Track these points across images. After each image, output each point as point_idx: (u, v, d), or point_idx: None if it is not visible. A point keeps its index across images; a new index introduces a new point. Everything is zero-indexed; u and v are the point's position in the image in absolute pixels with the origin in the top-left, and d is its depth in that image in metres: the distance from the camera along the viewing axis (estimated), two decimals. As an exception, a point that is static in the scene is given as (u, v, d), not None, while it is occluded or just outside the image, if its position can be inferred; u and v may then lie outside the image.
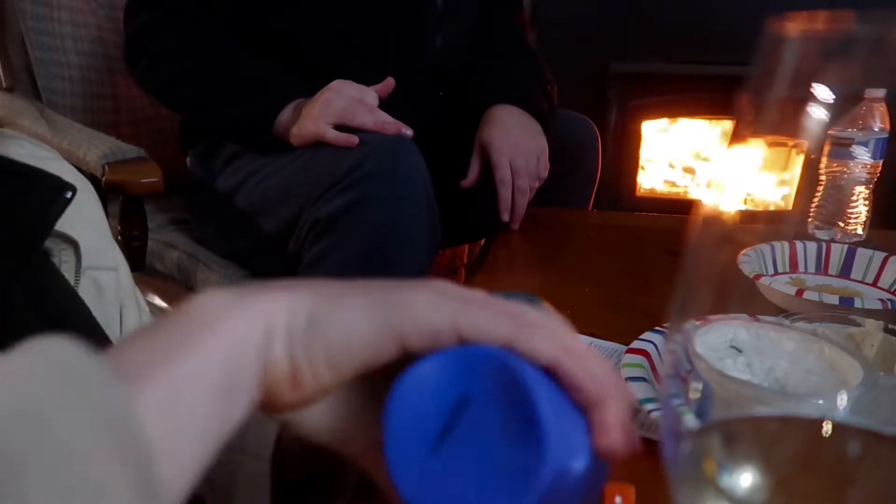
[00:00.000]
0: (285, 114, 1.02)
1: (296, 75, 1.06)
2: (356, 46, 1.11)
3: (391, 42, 1.13)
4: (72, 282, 0.48)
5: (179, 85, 1.08)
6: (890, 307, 0.68)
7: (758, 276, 0.73)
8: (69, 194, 0.43)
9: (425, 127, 1.21)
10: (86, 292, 0.49)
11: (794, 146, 0.23)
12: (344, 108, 0.99)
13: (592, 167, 1.32)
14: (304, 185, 1.00)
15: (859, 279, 0.78)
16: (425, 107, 1.21)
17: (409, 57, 1.15)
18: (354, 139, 0.97)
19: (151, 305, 1.12)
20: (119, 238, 1.16)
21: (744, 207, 0.22)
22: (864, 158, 0.91)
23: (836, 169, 0.92)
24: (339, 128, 0.99)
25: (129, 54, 1.11)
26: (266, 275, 1.02)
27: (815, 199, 0.93)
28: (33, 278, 0.42)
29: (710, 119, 2.26)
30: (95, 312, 0.48)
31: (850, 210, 0.92)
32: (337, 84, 1.01)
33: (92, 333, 0.47)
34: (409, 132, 1.02)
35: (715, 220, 0.22)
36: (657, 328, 0.69)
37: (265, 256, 1.11)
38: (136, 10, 1.10)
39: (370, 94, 1.02)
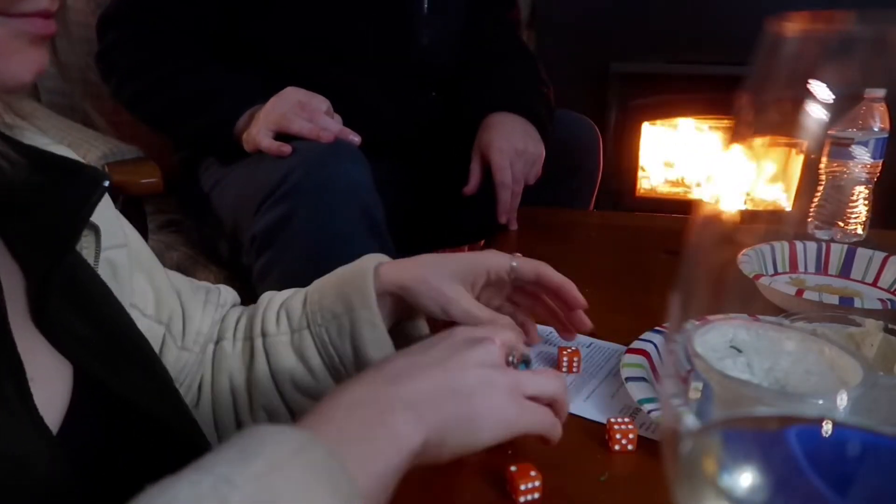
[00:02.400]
0: (242, 121, 1.00)
1: (278, 82, 1.03)
2: (338, 48, 1.10)
3: (373, 43, 1.12)
4: (92, 265, 0.48)
5: (145, 100, 1.07)
6: (890, 307, 0.68)
7: (758, 276, 0.73)
8: (106, 183, 0.44)
9: (417, 128, 1.20)
10: (103, 273, 0.49)
11: (794, 146, 0.23)
12: (282, 113, 0.96)
13: (593, 168, 1.32)
14: (245, 198, 0.98)
15: (859, 279, 0.78)
16: (414, 107, 1.20)
17: (393, 57, 1.14)
18: (287, 149, 0.94)
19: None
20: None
21: (744, 207, 0.22)
22: (863, 158, 0.91)
23: (836, 169, 0.92)
24: (282, 136, 0.96)
25: (102, 71, 1.11)
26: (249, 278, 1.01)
27: (815, 199, 0.93)
28: (65, 266, 0.42)
29: (710, 119, 2.26)
30: (113, 291, 0.49)
31: (849, 210, 0.92)
32: (287, 90, 0.99)
33: (116, 316, 0.48)
34: (355, 139, 0.98)
35: (715, 220, 0.22)
36: (657, 328, 0.70)
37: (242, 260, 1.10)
38: (106, 28, 1.09)
39: (318, 99, 0.98)
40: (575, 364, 0.68)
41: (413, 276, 0.61)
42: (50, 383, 0.39)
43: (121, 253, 0.53)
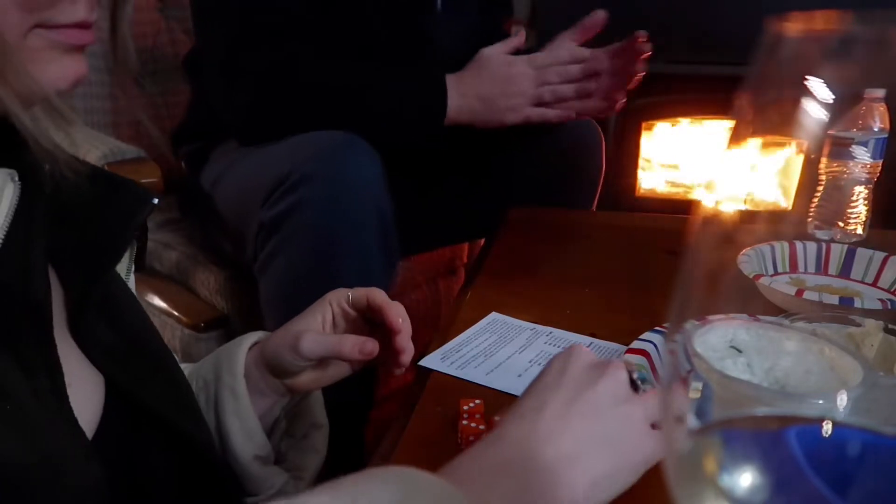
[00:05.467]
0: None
1: None
2: (353, 46, 1.10)
3: (388, 41, 1.12)
4: (124, 277, 0.48)
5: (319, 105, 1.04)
6: (890, 307, 0.68)
7: (758, 276, 0.73)
8: (155, 201, 0.44)
9: None
10: (131, 284, 0.49)
11: (794, 146, 0.23)
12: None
13: (596, 169, 1.32)
14: (252, 190, 0.98)
15: (859, 279, 0.78)
16: None
17: (409, 56, 1.14)
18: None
19: (150, 305, 1.12)
20: (119, 238, 1.16)
21: (744, 207, 0.22)
22: (863, 158, 0.91)
23: (836, 169, 0.92)
24: None
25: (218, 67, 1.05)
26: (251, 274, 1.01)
27: (815, 199, 0.93)
28: (104, 281, 0.43)
29: (710, 119, 2.26)
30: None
31: (849, 210, 0.92)
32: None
33: (143, 328, 0.48)
34: None
35: (715, 220, 0.22)
36: (657, 328, 0.70)
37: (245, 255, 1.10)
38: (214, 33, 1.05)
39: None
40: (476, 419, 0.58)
41: (272, 336, 0.60)
42: (84, 392, 0.40)
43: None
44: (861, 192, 0.92)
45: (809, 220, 0.93)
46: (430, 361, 0.70)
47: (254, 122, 1.06)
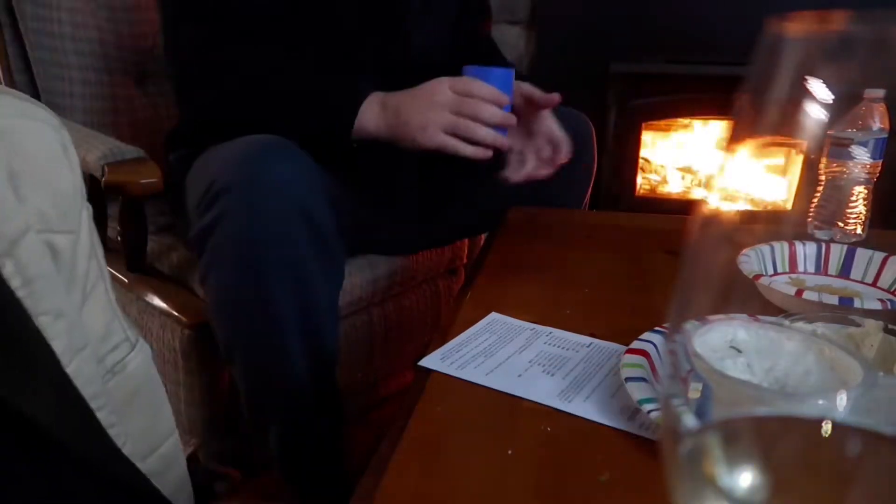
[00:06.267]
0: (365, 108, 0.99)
1: None
2: (333, 47, 1.10)
3: (373, 38, 1.12)
4: None
5: (244, 97, 1.04)
6: (889, 307, 0.68)
7: (757, 277, 0.73)
8: None
9: None
10: (31, 256, 0.45)
11: (794, 146, 0.23)
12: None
13: (589, 160, 1.32)
14: (191, 201, 0.96)
15: (859, 279, 0.78)
16: None
17: (391, 53, 1.14)
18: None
19: (150, 306, 1.12)
20: (118, 238, 1.16)
21: (744, 207, 0.22)
22: (863, 158, 0.91)
23: (836, 169, 0.92)
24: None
25: (181, 68, 1.06)
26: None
27: (815, 199, 0.93)
28: None
29: (709, 119, 2.26)
30: (48, 279, 0.46)
31: (849, 210, 0.92)
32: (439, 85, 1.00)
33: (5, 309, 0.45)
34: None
35: (715, 220, 0.22)
36: (657, 328, 0.70)
37: None
38: (177, 26, 1.05)
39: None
40: None
41: None
42: None
43: (67, 239, 0.50)
44: (861, 192, 0.92)
45: (809, 220, 0.93)
46: (430, 361, 0.70)
47: (207, 120, 1.06)
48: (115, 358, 0.56)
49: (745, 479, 0.23)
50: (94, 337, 0.53)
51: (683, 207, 2.19)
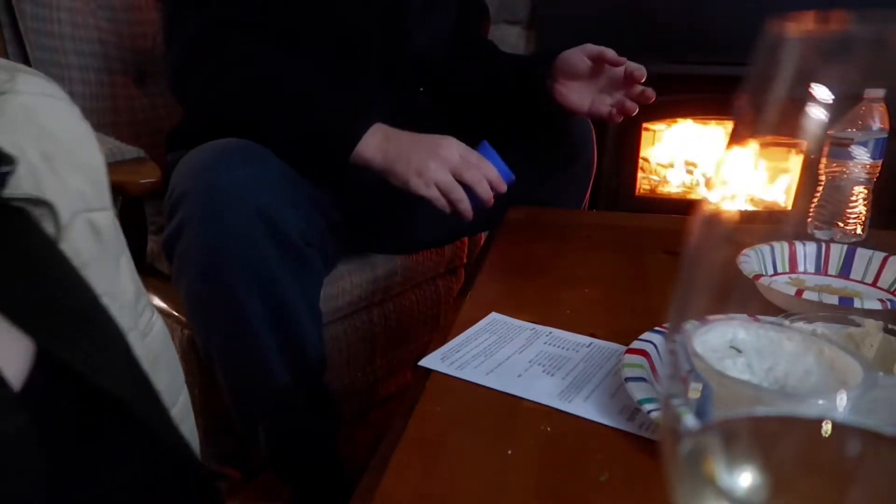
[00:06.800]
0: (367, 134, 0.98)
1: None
2: (336, 44, 1.10)
3: (376, 37, 1.12)
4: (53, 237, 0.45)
5: (245, 99, 1.02)
6: (889, 307, 0.68)
7: (757, 277, 0.73)
8: (5, 169, 0.41)
9: (410, 121, 1.21)
10: (82, 239, 0.46)
11: (794, 146, 0.23)
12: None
13: (589, 160, 1.33)
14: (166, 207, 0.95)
15: (859, 279, 0.78)
16: (410, 101, 1.22)
17: (393, 52, 1.15)
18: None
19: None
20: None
21: (744, 207, 0.22)
22: (863, 158, 0.91)
23: (836, 169, 0.92)
24: None
25: (180, 72, 1.05)
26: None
27: (815, 200, 0.93)
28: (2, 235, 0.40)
29: (709, 119, 2.26)
30: (99, 261, 0.46)
31: (849, 210, 0.92)
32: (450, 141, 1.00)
33: (73, 287, 0.45)
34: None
35: (715, 220, 0.22)
36: (657, 328, 0.70)
37: None
38: (177, 28, 1.04)
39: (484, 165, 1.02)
40: None
41: None
42: (6, 345, 0.38)
43: (107, 216, 0.50)
44: (861, 192, 0.92)
45: (809, 220, 0.93)
46: (430, 361, 0.70)
47: (207, 119, 1.05)
48: (145, 320, 0.57)
49: (745, 479, 0.23)
50: (129, 302, 0.54)
51: (683, 207, 2.19)
